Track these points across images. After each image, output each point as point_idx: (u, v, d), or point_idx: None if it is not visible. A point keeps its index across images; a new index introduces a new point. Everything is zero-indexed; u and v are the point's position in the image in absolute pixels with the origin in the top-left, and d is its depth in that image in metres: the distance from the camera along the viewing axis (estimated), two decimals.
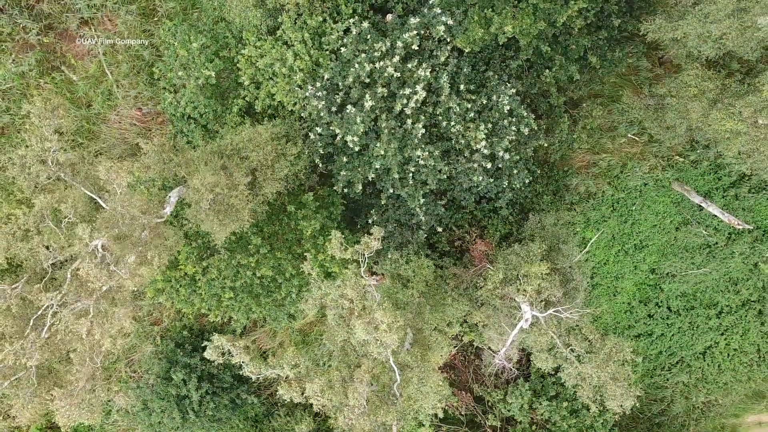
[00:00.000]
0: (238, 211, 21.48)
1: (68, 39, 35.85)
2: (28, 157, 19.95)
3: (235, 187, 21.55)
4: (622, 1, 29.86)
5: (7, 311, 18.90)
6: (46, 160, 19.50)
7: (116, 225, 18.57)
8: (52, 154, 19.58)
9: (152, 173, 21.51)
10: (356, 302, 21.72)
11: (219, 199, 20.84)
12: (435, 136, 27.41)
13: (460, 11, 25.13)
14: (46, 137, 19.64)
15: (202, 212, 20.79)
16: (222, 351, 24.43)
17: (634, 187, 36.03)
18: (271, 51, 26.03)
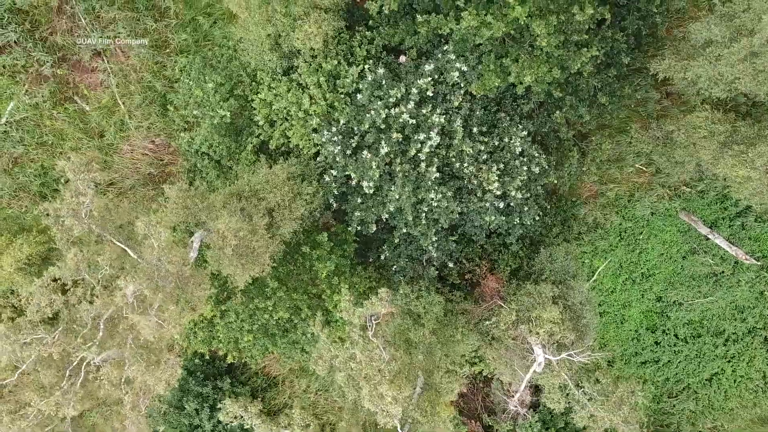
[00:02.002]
0: (259, 255, 21.85)
1: (81, 70, 36.17)
2: (63, 211, 20.30)
3: (256, 232, 21.91)
4: (630, 39, 30.20)
5: (49, 359, 19.18)
6: (79, 214, 19.83)
7: (153, 276, 18.92)
8: (86, 208, 19.93)
9: (176, 219, 21.84)
10: (365, 365, 22.12)
11: (242, 244, 21.21)
12: (447, 174, 27.77)
13: (474, 56, 25.49)
14: (81, 192, 19.98)
15: (226, 258, 21.17)
16: (235, 415, 24.78)
17: (641, 217, 36.41)
18: (286, 95, 26.37)
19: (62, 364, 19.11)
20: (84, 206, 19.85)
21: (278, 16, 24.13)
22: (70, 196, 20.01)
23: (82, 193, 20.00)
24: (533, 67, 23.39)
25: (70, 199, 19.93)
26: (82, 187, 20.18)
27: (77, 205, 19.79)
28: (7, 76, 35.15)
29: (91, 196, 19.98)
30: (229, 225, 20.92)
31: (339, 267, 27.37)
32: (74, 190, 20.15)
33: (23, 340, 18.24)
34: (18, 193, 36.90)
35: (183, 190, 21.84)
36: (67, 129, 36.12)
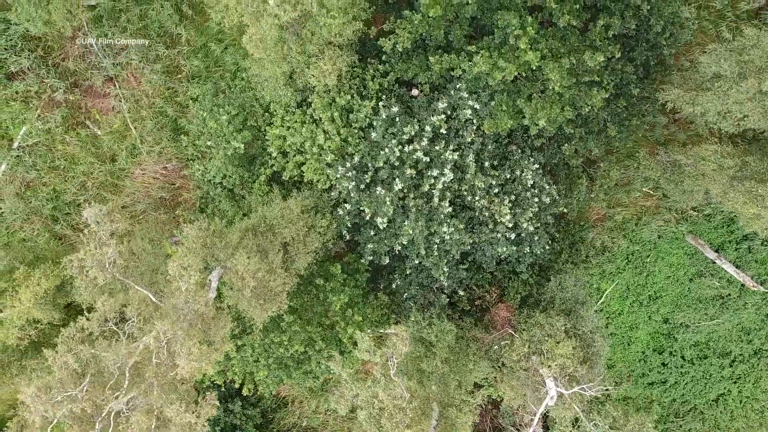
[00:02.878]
0: (277, 294, 22.18)
1: (93, 95, 36.46)
2: (87, 261, 20.58)
3: (274, 271, 22.23)
4: (639, 69, 30.50)
5: (82, 414, 19.35)
6: (104, 264, 20.12)
7: (180, 318, 19.22)
8: (110, 257, 20.21)
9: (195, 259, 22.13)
10: (386, 402, 22.40)
11: (260, 285, 21.54)
12: (458, 206, 28.08)
13: (486, 93, 25.79)
14: (104, 242, 20.26)
15: (245, 300, 21.50)
16: None
17: (648, 240, 36.73)
18: (300, 129, 26.67)
19: (92, 416, 19.36)
20: (108, 256, 20.12)
21: (294, 54, 24.42)
22: (95, 247, 20.27)
23: (106, 244, 20.26)
24: (546, 108, 23.70)
25: (95, 249, 20.19)
26: (105, 238, 20.44)
27: (101, 256, 20.06)
28: (20, 101, 35.45)
29: (114, 246, 20.25)
30: (247, 267, 21.24)
31: (352, 298, 27.70)
32: (98, 240, 20.42)
33: (54, 399, 18.53)
34: (30, 216, 37.20)
35: (203, 230, 22.11)
36: (79, 153, 36.39)
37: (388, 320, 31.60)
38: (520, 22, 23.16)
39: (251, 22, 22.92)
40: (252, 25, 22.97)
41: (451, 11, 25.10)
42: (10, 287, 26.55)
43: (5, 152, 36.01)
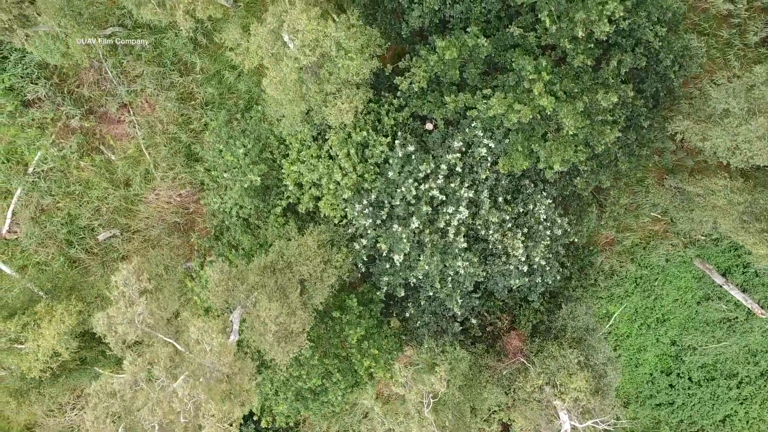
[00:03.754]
0: (297, 335, 22.59)
1: (107, 121, 36.84)
2: (117, 319, 20.96)
3: (294, 313, 22.64)
4: (649, 100, 30.88)
5: None
6: (133, 321, 20.50)
7: (205, 376, 19.58)
8: (139, 315, 20.59)
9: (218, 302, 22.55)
10: None
11: (281, 329, 21.93)
12: (471, 237, 28.49)
13: (501, 131, 26.20)
14: (134, 301, 20.64)
15: (267, 344, 21.91)
16: None
17: (656, 264, 37.15)
18: (317, 165, 27.07)
19: None
20: (137, 314, 20.49)
21: (311, 93, 24.82)
22: (124, 306, 20.66)
23: (136, 303, 20.65)
24: (560, 150, 24.13)
25: (125, 308, 20.58)
26: (134, 297, 20.83)
27: (131, 314, 20.43)
28: (35, 127, 35.83)
29: (144, 305, 20.64)
30: (269, 312, 21.64)
31: (368, 330, 28.12)
32: (127, 299, 20.80)
33: None
34: (45, 240, 37.59)
35: (224, 272, 22.51)
36: (93, 178, 36.79)
37: (400, 347, 32.04)
38: (535, 66, 23.57)
39: (271, 64, 23.31)
40: (272, 68, 23.36)
41: (466, 51, 25.50)
42: (32, 321, 26.95)
43: (21, 177, 36.41)
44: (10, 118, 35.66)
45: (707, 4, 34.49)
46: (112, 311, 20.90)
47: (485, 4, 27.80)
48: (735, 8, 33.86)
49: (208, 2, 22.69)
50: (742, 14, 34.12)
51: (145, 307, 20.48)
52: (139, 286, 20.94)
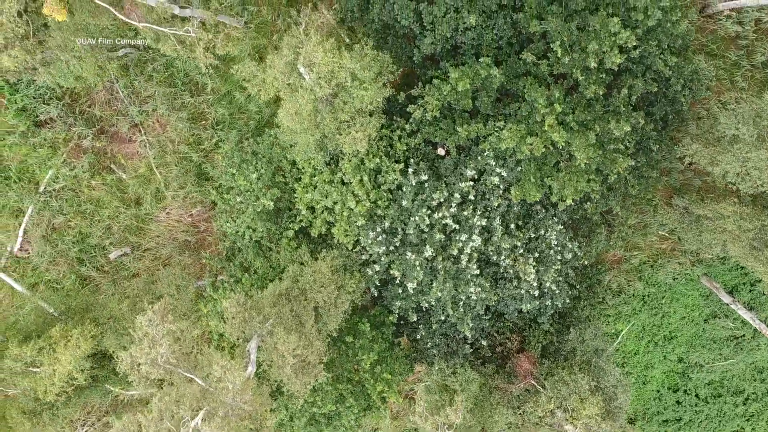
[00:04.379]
0: (314, 366, 22.84)
1: (118, 140, 37.07)
2: (141, 359, 21.20)
3: (311, 344, 22.89)
4: (658, 123, 31.12)
5: None
6: (157, 362, 20.73)
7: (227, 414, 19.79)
8: (162, 356, 20.82)
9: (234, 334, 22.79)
10: None
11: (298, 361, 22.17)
12: (483, 261, 28.73)
13: (513, 159, 26.45)
14: (158, 342, 20.88)
15: (285, 376, 22.16)
16: None
17: (663, 282, 37.41)
18: (331, 193, 27.31)
19: None
20: (161, 354, 20.72)
21: (326, 122, 25.05)
22: (148, 346, 20.89)
23: (159, 343, 20.87)
24: (572, 180, 24.38)
25: (149, 349, 20.82)
26: (158, 337, 21.06)
27: (155, 355, 20.66)
28: (47, 147, 36.05)
29: (167, 345, 20.86)
30: (287, 345, 21.89)
31: (380, 354, 28.37)
32: (151, 339, 21.03)
33: None
34: (56, 258, 37.82)
35: (240, 304, 22.76)
36: (104, 197, 37.02)
37: (411, 368, 32.29)
38: (548, 98, 23.82)
39: (287, 96, 23.54)
40: (288, 100, 23.60)
41: (479, 80, 25.74)
42: (47, 345, 27.19)
43: (32, 196, 36.64)
44: (23, 138, 35.88)
45: (715, 25, 34.75)
46: (135, 351, 21.13)
47: (497, 30, 28.03)
48: (743, 30, 34.12)
49: (228, 39, 22.92)
50: (750, 36, 34.38)
51: (169, 348, 20.70)
52: (164, 327, 21.17)
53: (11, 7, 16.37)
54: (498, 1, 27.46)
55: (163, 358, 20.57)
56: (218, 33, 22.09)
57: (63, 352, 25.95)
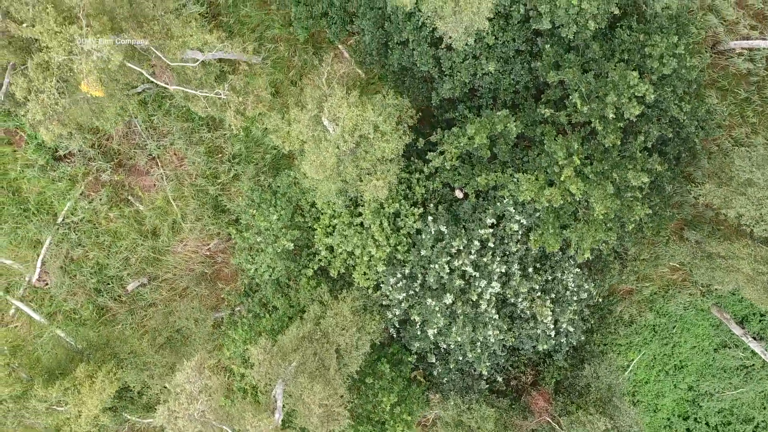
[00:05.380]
0: (339, 414, 23.31)
1: (136, 173, 37.50)
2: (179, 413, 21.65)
3: (336, 392, 23.36)
4: (672, 162, 31.54)
5: None
6: (193, 416, 21.17)
7: None
8: (199, 411, 21.27)
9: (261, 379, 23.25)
10: None
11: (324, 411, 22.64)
12: (500, 301, 29.19)
13: (531, 206, 26.91)
14: (195, 397, 21.31)
15: (312, 425, 22.65)
16: None
17: (674, 312, 37.87)
18: (352, 239, 27.75)
19: None
20: (197, 409, 21.15)
21: (348, 170, 25.48)
22: (186, 402, 21.32)
23: (196, 399, 21.30)
24: (590, 231, 24.85)
25: (186, 404, 21.25)
26: (195, 393, 21.49)
27: (192, 410, 21.09)
28: (66, 179, 36.48)
29: (204, 401, 21.30)
30: (313, 395, 22.34)
31: (399, 393, 28.83)
32: (189, 395, 21.46)
33: None
34: (74, 289, 38.28)
35: (267, 351, 23.21)
36: (121, 228, 37.45)
37: (428, 403, 32.74)
38: (567, 150, 24.27)
39: (311, 148, 23.98)
40: (311, 152, 24.04)
41: (496, 130, 26.20)
42: (72, 386, 27.62)
43: (50, 227, 37.09)
44: (42, 172, 36.35)
45: (726, 62, 35.18)
46: (173, 405, 21.56)
47: (514, 75, 28.47)
48: (754, 67, 34.55)
49: (257, 101, 23.35)
50: (761, 73, 34.80)
51: (206, 404, 21.14)
52: (201, 382, 21.61)
53: (51, 86, 16.78)
54: (515, 47, 27.90)
55: (200, 413, 21.01)
56: (248, 95, 22.49)
57: (88, 393, 26.37)
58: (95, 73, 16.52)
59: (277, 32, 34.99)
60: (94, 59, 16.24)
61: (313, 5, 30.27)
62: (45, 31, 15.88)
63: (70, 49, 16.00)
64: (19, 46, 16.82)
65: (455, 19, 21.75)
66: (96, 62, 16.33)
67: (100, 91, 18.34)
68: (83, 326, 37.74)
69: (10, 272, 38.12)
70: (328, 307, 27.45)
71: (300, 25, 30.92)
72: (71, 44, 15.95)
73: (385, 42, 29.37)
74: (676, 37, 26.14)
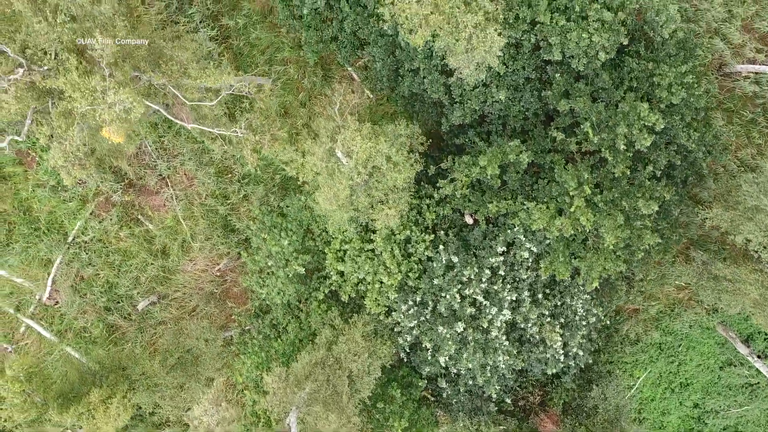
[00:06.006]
0: None
1: (146, 193, 37.78)
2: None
3: (349, 420, 23.66)
4: (679, 186, 31.78)
5: None
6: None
7: None
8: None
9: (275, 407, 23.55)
10: None
11: None
12: (510, 326, 29.46)
13: (541, 234, 27.18)
14: (212, 430, 21.60)
15: None
16: None
17: (680, 330, 38.15)
18: (363, 265, 28.03)
19: None
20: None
21: (361, 200, 25.75)
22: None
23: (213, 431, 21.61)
24: (600, 260, 25.14)
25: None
26: (212, 425, 21.80)
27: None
28: (77, 200, 36.76)
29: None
30: (327, 425, 22.64)
31: (410, 418, 29.12)
32: (206, 427, 21.77)
33: None
34: (84, 307, 38.57)
35: (282, 379, 23.51)
36: (131, 247, 37.73)
37: (436, 423, 33.04)
38: (577, 180, 24.54)
39: (325, 180, 24.26)
40: (325, 184, 24.31)
41: (507, 159, 26.46)
42: (86, 411, 27.92)
43: (61, 246, 37.38)
44: (53, 192, 36.65)
45: (732, 84, 35.44)
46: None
47: (523, 102, 28.71)
48: (760, 90, 34.81)
49: (273, 140, 23.66)
50: (767, 95, 35.05)
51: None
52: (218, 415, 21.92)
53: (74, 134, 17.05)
54: (525, 75, 28.14)
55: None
56: (264, 134, 22.79)
57: (103, 419, 26.68)
58: (117, 123, 16.81)
59: (287, 54, 35.28)
60: (117, 110, 16.52)
61: (323, 30, 30.50)
62: (68, 83, 16.15)
63: (92, 99, 16.29)
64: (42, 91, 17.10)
65: (467, 57, 22.02)
66: (118, 113, 16.61)
67: (121, 137, 18.59)
68: (93, 344, 38.10)
69: (21, 291, 38.44)
70: (339, 331, 27.73)
71: (310, 49, 31.17)
72: (94, 95, 16.23)
73: (395, 69, 29.61)
74: (684, 67, 26.38)
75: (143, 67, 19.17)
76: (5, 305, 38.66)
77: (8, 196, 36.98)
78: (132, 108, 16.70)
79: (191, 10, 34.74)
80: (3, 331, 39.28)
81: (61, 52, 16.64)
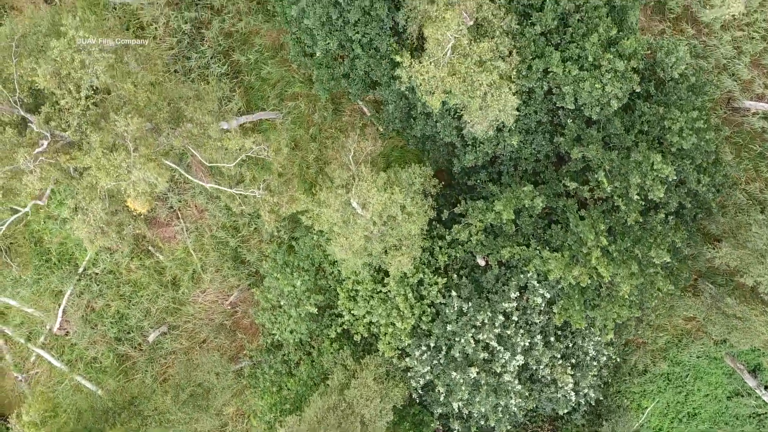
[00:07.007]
0: None
1: (157, 225, 37.94)
2: None
3: None
4: (689, 222, 31.93)
5: None
6: None
7: None
8: None
9: None
10: None
11: None
12: (522, 367, 29.64)
13: (554, 279, 27.38)
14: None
15: None
16: None
17: (687, 361, 38.32)
18: (376, 308, 28.21)
19: None
20: None
21: (375, 247, 25.93)
22: None
23: None
24: (614, 308, 25.36)
25: None
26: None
27: None
28: None
29: None
30: None
31: None
32: None
33: None
34: (95, 337, 38.75)
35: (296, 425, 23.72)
36: (142, 279, 37.89)
37: None
38: (592, 228, 24.73)
39: (340, 230, 24.42)
40: (341, 234, 24.47)
41: (521, 204, 26.63)
42: None
43: (72, 277, 37.57)
44: (64, 224, 36.78)
45: (741, 119, 35.60)
46: None
47: (535, 145, 28.88)
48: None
49: (292, 202, 23.81)
50: None
51: None
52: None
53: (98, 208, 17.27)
54: (537, 119, 28.29)
55: None
56: (282, 195, 22.96)
57: None
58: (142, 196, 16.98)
59: (297, 89, 35.44)
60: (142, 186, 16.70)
61: (334, 68, 30.63)
62: (93, 161, 16.30)
63: (117, 175, 16.48)
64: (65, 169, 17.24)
65: (481, 114, 22.17)
66: (143, 188, 16.79)
67: (145, 207, 18.77)
68: (104, 374, 38.29)
69: (32, 321, 38.66)
70: (351, 372, 27.91)
71: (321, 87, 31.31)
72: (119, 170, 16.41)
73: (408, 110, 29.75)
74: (695, 113, 26.56)
75: (164, 128, 19.35)
76: (16, 335, 38.90)
77: (20, 230, 37.18)
78: (157, 183, 16.88)
79: (203, 47, 34.90)
80: (14, 360, 39.54)
81: (84, 125, 16.81)
